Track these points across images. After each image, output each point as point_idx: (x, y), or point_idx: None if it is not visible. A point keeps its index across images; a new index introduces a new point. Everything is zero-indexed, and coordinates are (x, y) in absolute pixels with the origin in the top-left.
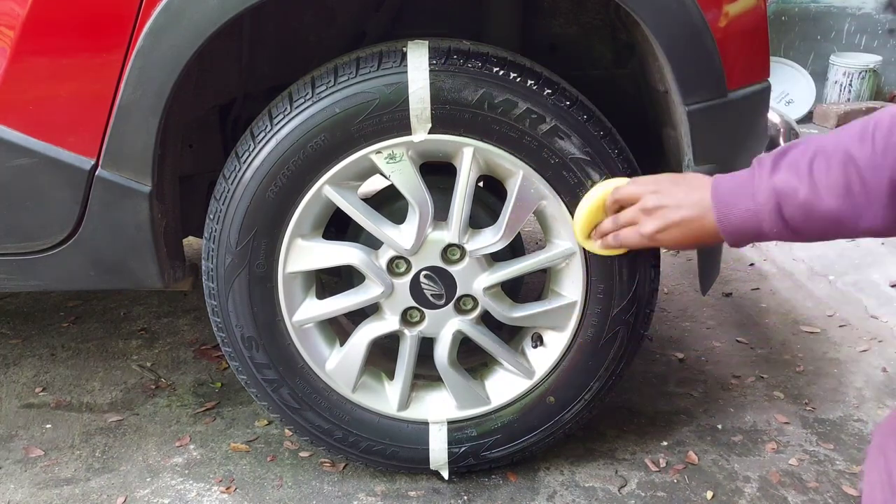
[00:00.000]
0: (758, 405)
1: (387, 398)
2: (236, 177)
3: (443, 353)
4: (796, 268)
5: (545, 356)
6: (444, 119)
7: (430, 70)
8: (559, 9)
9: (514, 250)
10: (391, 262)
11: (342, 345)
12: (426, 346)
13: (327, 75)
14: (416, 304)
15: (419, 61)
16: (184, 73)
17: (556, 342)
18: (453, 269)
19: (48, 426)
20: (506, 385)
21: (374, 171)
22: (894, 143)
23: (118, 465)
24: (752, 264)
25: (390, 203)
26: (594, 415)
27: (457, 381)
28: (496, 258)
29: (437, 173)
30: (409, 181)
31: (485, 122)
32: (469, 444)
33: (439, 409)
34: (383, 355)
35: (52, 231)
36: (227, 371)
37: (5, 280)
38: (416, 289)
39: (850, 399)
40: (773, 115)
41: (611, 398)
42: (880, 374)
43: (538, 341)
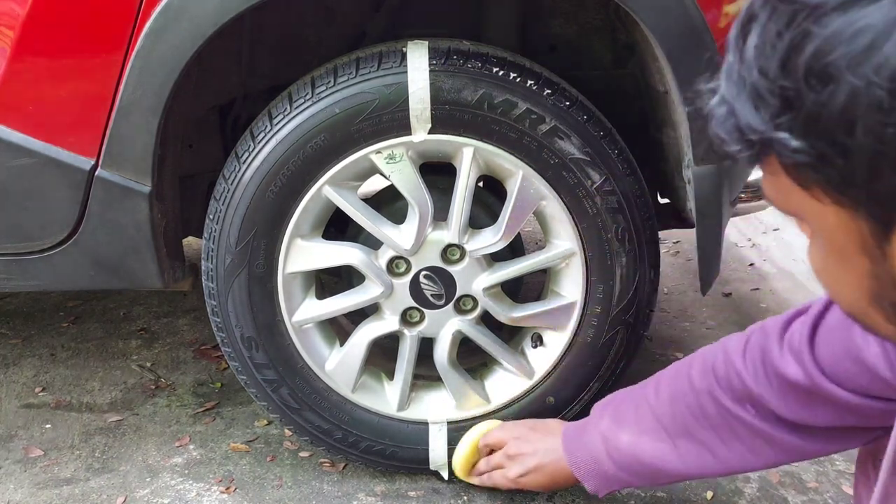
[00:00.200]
0: None
1: (386, 398)
2: (236, 177)
3: (443, 353)
4: (796, 268)
5: (545, 356)
6: (443, 119)
7: (430, 70)
8: (559, 9)
9: (514, 250)
10: (391, 262)
11: (342, 345)
12: (426, 346)
13: (327, 75)
14: (415, 305)
15: (419, 61)
16: (184, 73)
17: (556, 342)
18: (453, 270)
19: (48, 426)
20: (506, 385)
21: (373, 171)
22: (679, 392)
23: (118, 465)
24: (751, 264)
25: (390, 203)
26: None
27: (457, 381)
28: (496, 258)
29: (437, 173)
30: (408, 181)
31: (484, 122)
32: None
33: (439, 410)
34: (383, 355)
35: (52, 231)
36: (227, 371)
37: (5, 280)
38: (415, 289)
39: None
40: None
41: None
42: None
43: (538, 341)
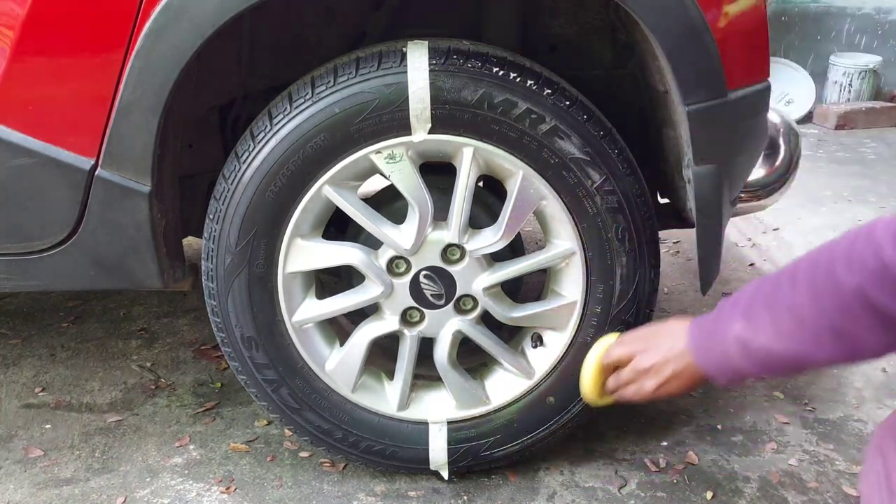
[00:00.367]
0: (758, 405)
1: (387, 398)
2: (236, 177)
3: (443, 353)
4: None
5: (545, 356)
6: (443, 119)
7: (430, 70)
8: (559, 9)
9: (514, 250)
10: (391, 262)
11: (342, 345)
12: (426, 346)
13: (327, 75)
14: (415, 304)
15: (419, 61)
16: (184, 73)
17: (556, 342)
18: (453, 269)
19: (48, 426)
20: (506, 385)
21: (373, 171)
22: (824, 288)
23: (118, 466)
24: (751, 264)
25: (390, 203)
26: (594, 415)
27: (457, 381)
28: (496, 258)
29: (437, 173)
30: (408, 181)
31: (484, 122)
32: (469, 444)
33: (439, 410)
34: (383, 355)
35: (52, 231)
36: (227, 371)
37: (5, 280)
38: (415, 289)
39: (850, 399)
40: (773, 115)
41: None
42: (880, 374)
43: (538, 341)
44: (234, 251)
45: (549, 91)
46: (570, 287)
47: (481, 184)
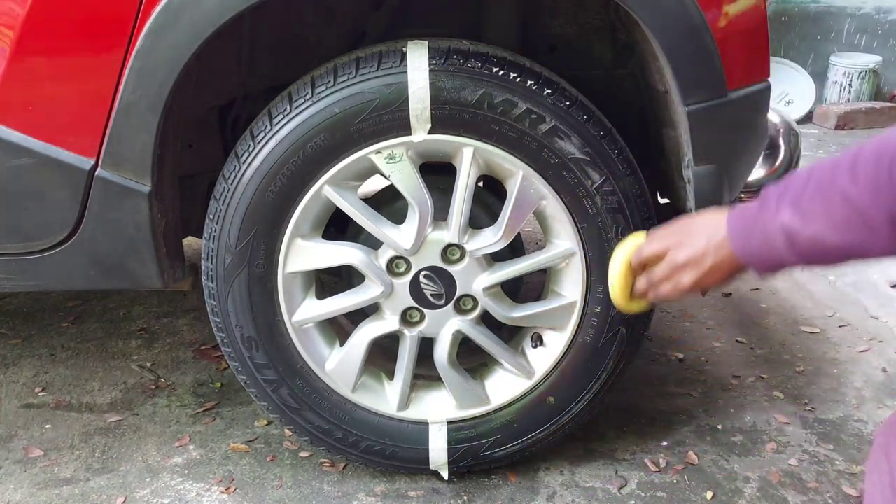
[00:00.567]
0: (758, 405)
1: (387, 398)
2: (236, 177)
3: (443, 353)
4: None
5: (545, 356)
6: (443, 119)
7: (430, 70)
8: (559, 9)
9: (514, 250)
10: (391, 262)
11: (342, 345)
12: (426, 346)
13: (327, 75)
14: (415, 304)
15: (419, 61)
16: (183, 73)
17: (556, 342)
18: (453, 269)
19: (48, 426)
20: (506, 385)
21: (373, 171)
22: (884, 179)
23: (118, 466)
24: None
25: (390, 203)
26: (594, 415)
27: (457, 381)
28: (496, 258)
29: (437, 173)
30: (408, 181)
31: (484, 122)
32: (469, 445)
33: (439, 410)
34: (383, 355)
35: (52, 231)
36: (227, 371)
37: (5, 280)
38: (415, 289)
39: (850, 399)
40: (773, 115)
41: (611, 398)
42: (880, 374)
43: (538, 341)
44: (234, 251)
45: (549, 91)
46: (570, 287)
47: (481, 184)
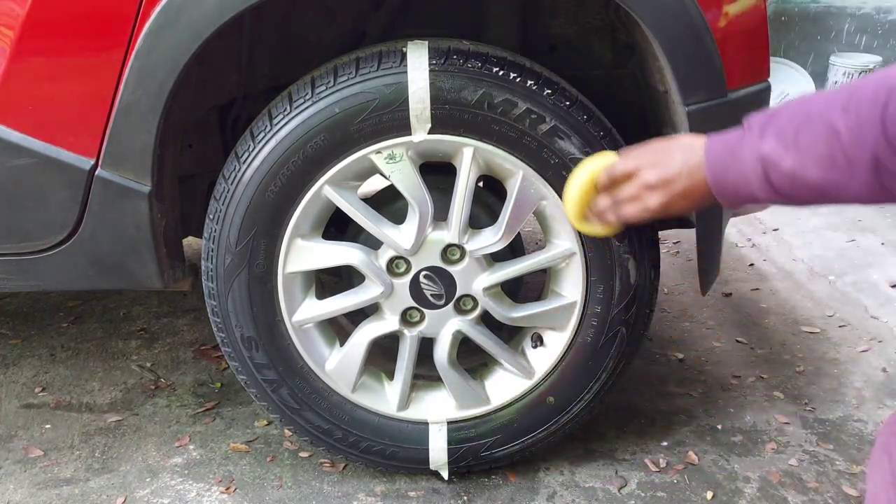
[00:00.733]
0: (758, 405)
1: (387, 398)
2: (236, 177)
3: (443, 353)
4: (796, 268)
5: (545, 356)
6: (443, 119)
7: (430, 70)
8: (559, 9)
9: (514, 250)
10: (391, 262)
11: (342, 345)
12: (426, 346)
13: (327, 75)
14: (415, 305)
15: (419, 61)
16: (183, 73)
17: (556, 342)
18: (453, 270)
19: (48, 426)
20: (506, 385)
21: (373, 171)
22: (876, 116)
23: (118, 466)
24: (751, 264)
25: (390, 203)
26: (594, 415)
27: (457, 381)
28: (496, 258)
29: (437, 173)
30: (408, 181)
31: (485, 122)
32: (469, 445)
33: (439, 410)
34: (383, 355)
35: (52, 231)
36: (227, 371)
37: (5, 280)
38: (415, 289)
39: (850, 399)
40: None
41: (611, 398)
42: (880, 374)
43: (538, 341)
44: (234, 251)
45: (549, 91)
46: (570, 287)
47: (481, 184)
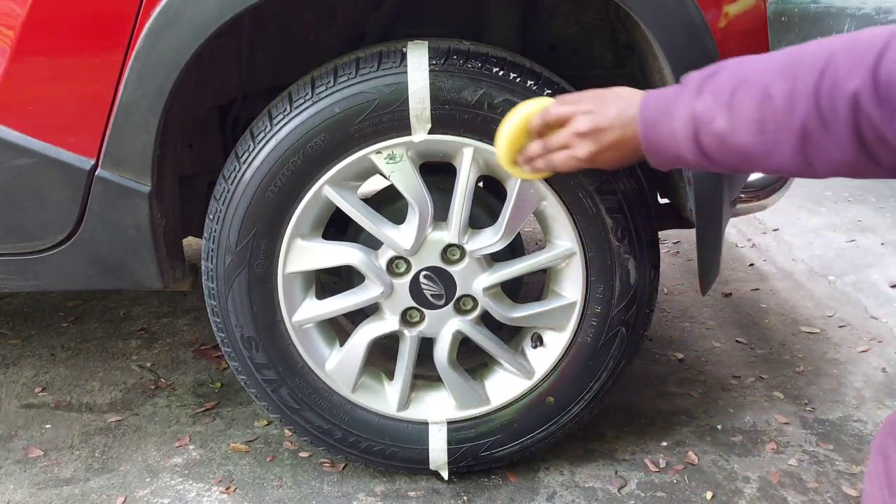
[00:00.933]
0: (757, 405)
1: (386, 398)
2: (236, 177)
3: (442, 353)
4: (796, 268)
5: (545, 356)
6: (443, 119)
7: (430, 70)
8: (559, 9)
9: (514, 250)
10: (391, 262)
11: (342, 345)
12: (426, 347)
13: (327, 75)
14: (415, 305)
15: (419, 61)
16: (183, 73)
17: (556, 342)
18: (453, 270)
19: (48, 426)
20: (505, 385)
21: (373, 171)
22: (811, 84)
23: (118, 466)
24: (751, 265)
25: (390, 203)
26: (594, 415)
27: (457, 381)
28: (496, 258)
29: (437, 173)
30: (408, 181)
31: (485, 122)
32: (469, 445)
33: (439, 410)
34: (383, 355)
35: (52, 231)
36: (227, 371)
37: (5, 280)
38: (415, 289)
39: (850, 399)
40: None
41: (611, 398)
42: (880, 374)
43: (538, 341)
44: (234, 251)
45: (550, 91)
46: (570, 287)
47: (481, 184)
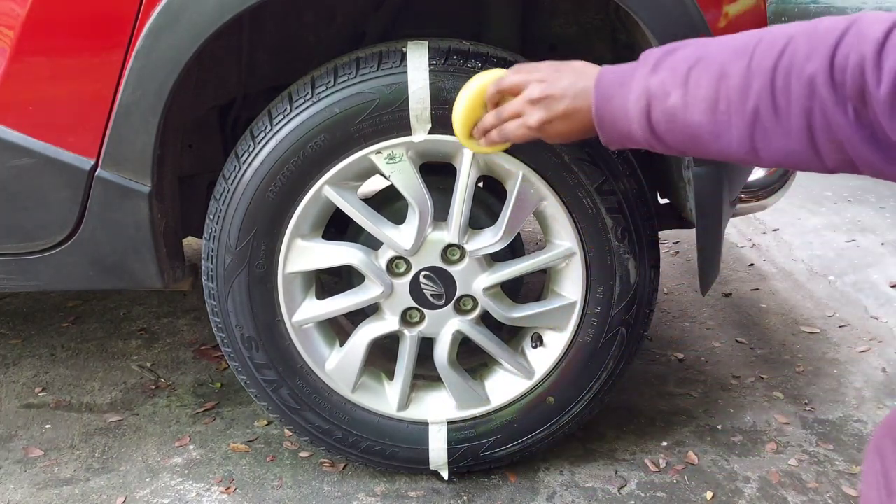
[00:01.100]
0: (757, 405)
1: (386, 398)
2: (236, 177)
3: (442, 353)
4: (796, 268)
5: (545, 356)
6: (444, 119)
7: (430, 70)
8: (559, 9)
9: (514, 251)
10: (391, 262)
11: (342, 345)
12: (426, 347)
13: (327, 75)
14: (415, 305)
15: (419, 61)
16: (183, 73)
17: (556, 342)
18: (453, 270)
19: (48, 426)
20: (506, 385)
21: (373, 171)
22: (768, 65)
23: (118, 466)
24: (751, 264)
25: (390, 203)
26: (594, 415)
27: (457, 381)
28: (496, 258)
29: (437, 173)
30: (408, 181)
31: None
32: (469, 445)
33: (439, 410)
34: (383, 355)
35: (52, 231)
36: (227, 371)
37: (5, 280)
38: (415, 289)
39: (850, 399)
40: None
41: (611, 398)
42: (880, 374)
43: (538, 341)
44: (234, 251)
45: None
46: (570, 287)
47: (481, 184)
